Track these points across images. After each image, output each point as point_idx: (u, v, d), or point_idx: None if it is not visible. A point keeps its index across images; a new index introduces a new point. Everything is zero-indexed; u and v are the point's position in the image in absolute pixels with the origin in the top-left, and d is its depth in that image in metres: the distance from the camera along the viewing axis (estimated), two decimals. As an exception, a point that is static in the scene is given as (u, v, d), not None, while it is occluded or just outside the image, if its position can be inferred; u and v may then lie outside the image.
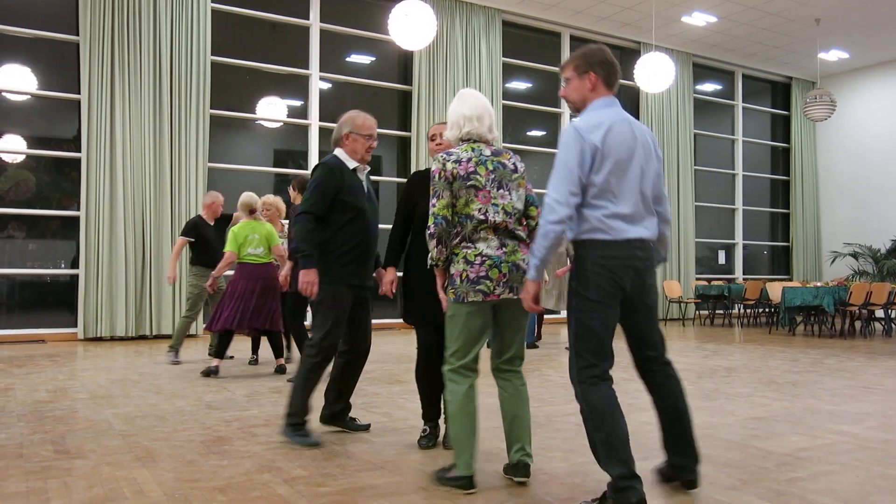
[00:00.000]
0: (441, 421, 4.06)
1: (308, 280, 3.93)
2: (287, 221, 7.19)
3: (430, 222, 3.24)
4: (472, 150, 3.31)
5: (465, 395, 3.24)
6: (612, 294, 2.94)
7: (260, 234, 6.68)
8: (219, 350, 6.63)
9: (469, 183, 3.24)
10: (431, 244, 3.25)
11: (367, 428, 4.37)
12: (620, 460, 2.85)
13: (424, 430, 4.04)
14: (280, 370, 6.75)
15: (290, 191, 6.94)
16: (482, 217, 3.22)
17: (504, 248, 3.23)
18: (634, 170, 3.00)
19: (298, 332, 6.56)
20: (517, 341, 3.39)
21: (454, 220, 3.27)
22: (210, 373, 6.52)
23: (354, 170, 4.15)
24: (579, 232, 2.98)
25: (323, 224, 4.03)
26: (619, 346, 3.04)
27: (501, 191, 3.28)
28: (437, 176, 3.27)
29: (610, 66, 3.12)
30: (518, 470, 3.29)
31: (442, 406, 3.95)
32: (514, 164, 3.38)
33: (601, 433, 2.89)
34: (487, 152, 3.33)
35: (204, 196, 8.07)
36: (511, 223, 3.28)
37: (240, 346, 8.25)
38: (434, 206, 3.25)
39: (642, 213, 3.02)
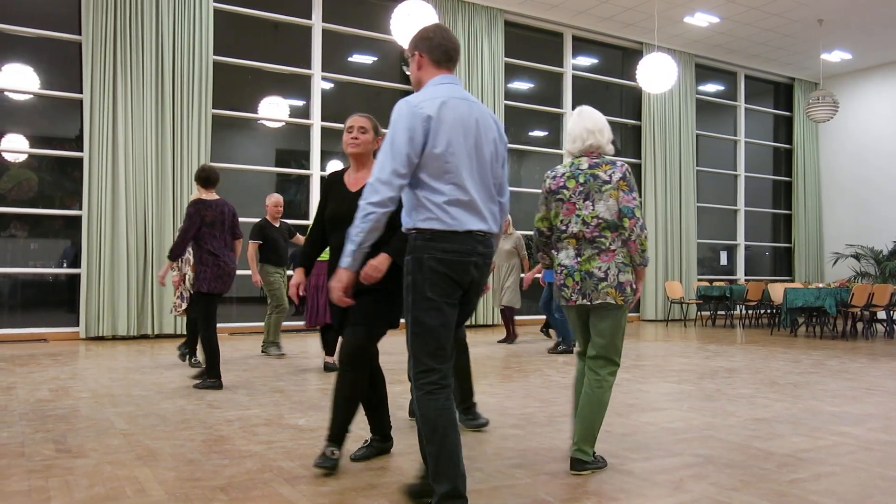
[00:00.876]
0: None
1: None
2: None
3: (535, 232, 3.72)
4: (571, 164, 3.55)
5: (578, 376, 3.66)
6: (451, 292, 2.74)
7: None
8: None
9: (557, 196, 3.53)
10: (537, 251, 3.74)
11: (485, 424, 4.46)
12: (447, 477, 2.66)
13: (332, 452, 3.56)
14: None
15: None
16: (563, 228, 3.51)
17: (579, 258, 3.46)
18: (474, 151, 2.79)
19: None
20: (597, 344, 3.52)
21: (556, 232, 3.59)
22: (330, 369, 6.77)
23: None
24: (416, 220, 2.75)
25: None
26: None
27: (587, 202, 3.44)
28: (542, 191, 3.64)
29: (433, 43, 2.92)
30: (571, 464, 3.48)
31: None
32: (609, 175, 3.45)
33: (432, 447, 2.68)
34: (584, 165, 3.51)
35: (267, 198, 8.16)
36: (589, 232, 3.43)
37: (242, 345, 8.26)
38: (536, 217, 3.67)
39: (486, 203, 2.82)
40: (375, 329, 3.52)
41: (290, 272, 7.97)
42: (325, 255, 6.35)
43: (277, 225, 8.08)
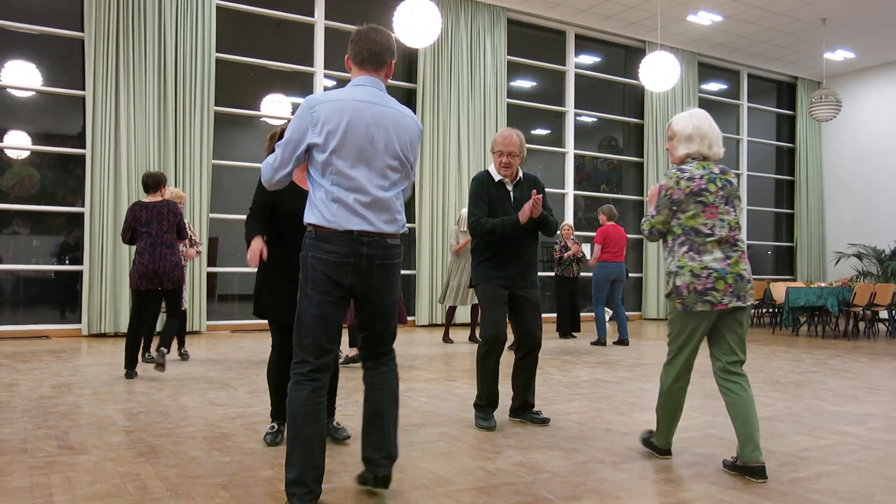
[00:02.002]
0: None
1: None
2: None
3: (646, 228, 3.63)
4: (703, 167, 3.53)
5: (678, 391, 3.70)
6: (331, 290, 2.85)
7: None
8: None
9: (699, 199, 3.47)
10: (646, 237, 3.69)
11: (546, 422, 4.56)
12: (294, 467, 2.79)
13: (272, 427, 4.04)
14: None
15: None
16: (708, 231, 3.46)
17: (728, 260, 3.46)
18: (370, 152, 2.87)
19: None
20: (737, 348, 3.60)
21: (676, 230, 3.53)
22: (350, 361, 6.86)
23: (500, 182, 4.54)
24: (307, 214, 2.89)
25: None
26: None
27: (727, 206, 3.51)
28: (663, 193, 3.53)
29: (356, 46, 3.04)
30: (754, 471, 3.36)
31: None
32: (735, 181, 3.61)
33: (289, 434, 2.83)
34: (716, 170, 3.54)
35: None
36: (734, 236, 3.51)
37: (244, 343, 8.24)
38: (653, 216, 3.59)
39: (376, 205, 2.88)
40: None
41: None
42: None
43: None
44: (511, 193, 4.52)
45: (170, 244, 6.31)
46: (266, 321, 4.00)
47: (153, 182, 6.45)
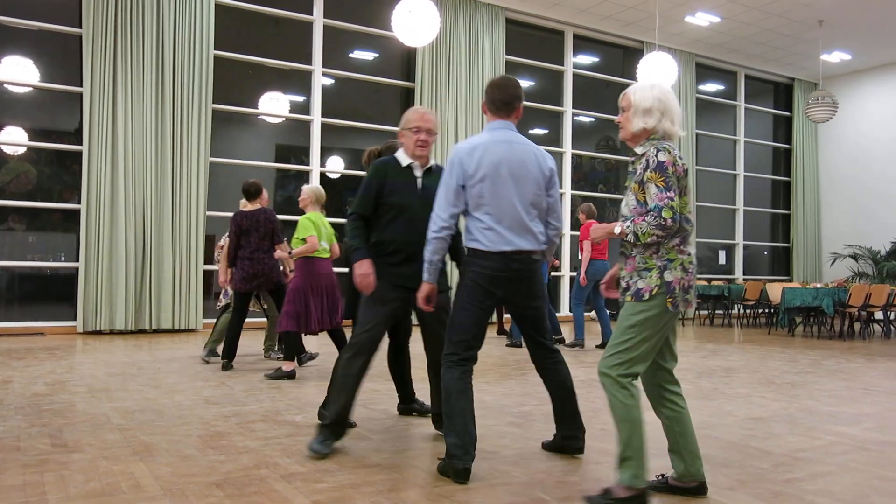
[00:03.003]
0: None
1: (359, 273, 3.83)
2: None
3: (668, 217, 2.90)
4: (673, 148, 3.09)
5: (634, 406, 2.97)
6: (483, 299, 3.46)
7: (328, 229, 6.30)
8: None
9: (683, 183, 3.01)
10: (652, 240, 2.97)
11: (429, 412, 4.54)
12: (454, 433, 3.32)
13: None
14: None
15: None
16: (690, 219, 3.08)
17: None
18: (512, 185, 3.43)
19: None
20: (675, 354, 3.21)
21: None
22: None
23: (408, 167, 3.99)
24: (467, 240, 3.52)
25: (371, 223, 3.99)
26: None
27: (686, 196, 3.08)
28: (669, 168, 2.96)
29: (490, 96, 3.54)
30: (701, 489, 3.13)
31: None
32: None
33: (447, 407, 3.38)
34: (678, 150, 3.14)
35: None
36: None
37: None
38: (672, 199, 2.92)
39: (523, 227, 3.45)
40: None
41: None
42: (322, 253, 6.26)
43: None
44: (419, 181, 3.98)
45: (266, 249, 6.63)
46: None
47: (255, 190, 6.69)
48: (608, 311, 9.12)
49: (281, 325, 6.15)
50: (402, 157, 4.00)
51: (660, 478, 3.21)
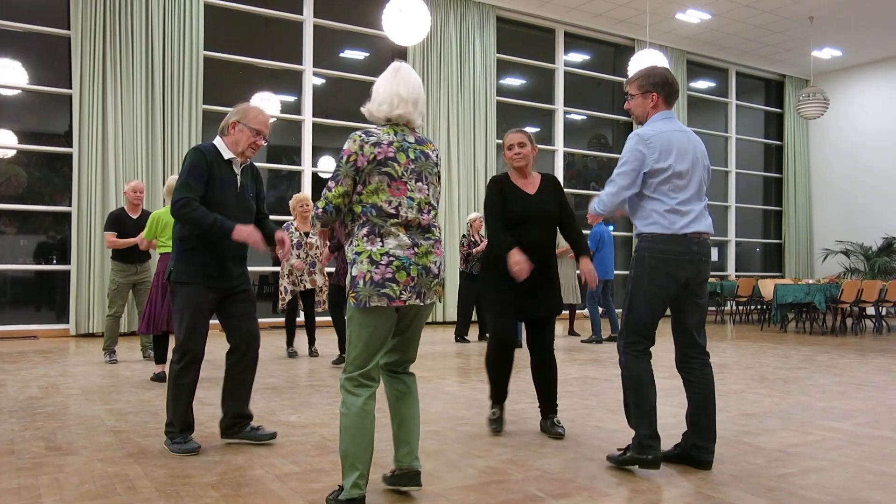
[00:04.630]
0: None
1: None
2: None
3: (321, 206, 2.88)
4: (395, 133, 2.94)
5: (362, 408, 2.83)
6: (667, 284, 3.50)
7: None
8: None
9: (384, 169, 2.86)
10: (317, 227, 2.96)
11: (272, 436, 3.97)
12: (645, 423, 3.41)
13: (494, 413, 4.35)
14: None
15: None
16: (392, 211, 2.86)
17: (415, 249, 2.88)
18: (692, 171, 3.51)
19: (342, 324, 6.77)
20: (414, 348, 3.11)
21: (356, 209, 2.89)
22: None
23: (229, 161, 3.79)
24: (642, 224, 3.53)
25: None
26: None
27: (420, 184, 2.94)
28: (344, 158, 2.87)
29: (671, 88, 3.61)
30: (409, 478, 3.02)
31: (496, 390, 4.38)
32: (436, 156, 3.08)
33: (633, 396, 3.49)
34: (411, 139, 2.97)
35: (126, 183, 7.63)
36: (425, 220, 2.94)
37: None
38: (330, 189, 2.87)
39: (701, 210, 3.53)
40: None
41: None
42: (163, 248, 6.00)
43: (136, 215, 7.20)
44: (238, 178, 3.83)
45: None
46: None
47: None
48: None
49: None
50: (225, 150, 3.79)
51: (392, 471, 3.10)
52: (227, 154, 3.77)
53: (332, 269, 7.15)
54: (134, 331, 9.85)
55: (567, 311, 10.44)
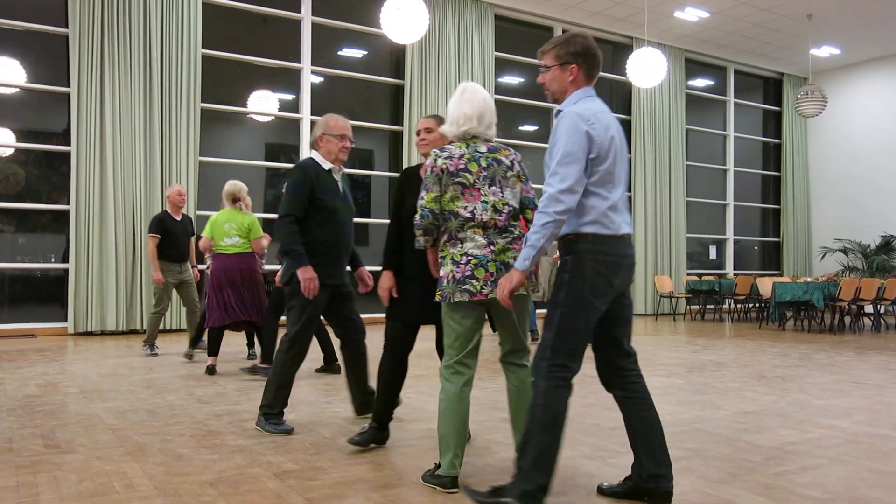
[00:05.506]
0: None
1: (307, 277, 4.02)
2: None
3: (417, 215, 3.22)
4: (467, 146, 3.25)
5: (458, 393, 3.18)
6: (605, 293, 2.88)
7: (237, 224, 6.47)
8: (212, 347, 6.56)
9: (457, 179, 3.17)
10: (418, 233, 3.26)
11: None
12: (546, 472, 2.75)
13: (364, 428, 3.89)
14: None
15: None
16: (468, 215, 3.15)
17: (492, 247, 3.15)
18: (621, 159, 2.96)
19: (272, 329, 6.35)
20: (516, 336, 3.33)
21: (441, 215, 3.22)
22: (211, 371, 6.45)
23: (329, 171, 4.24)
24: (580, 224, 2.87)
25: (301, 224, 4.12)
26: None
27: (493, 188, 3.21)
28: (428, 170, 3.23)
29: (595, 60, 3.05)
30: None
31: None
32: (511, 161, 3.30)
33: (546, 437, 2.76)
34: (483, 149, 3.26)
35: (169, 188, 7.98)
36: (502, 220, 3.19)
37: (231, 340, 8.24)
38: (422, 198, 3.20)
39: (625, 205, 2.99)
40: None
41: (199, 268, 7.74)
42: (237, 248, 6.37)
43: (179, 217, 7.60)
44: (339, 184, 4.28)
45: None
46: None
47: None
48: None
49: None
50: (323, 162, 4.25)
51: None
52: (326, 165, 4.23)
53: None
54: (137, 329, 9.88)
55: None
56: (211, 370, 6.40)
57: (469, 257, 3.13)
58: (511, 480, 2.77)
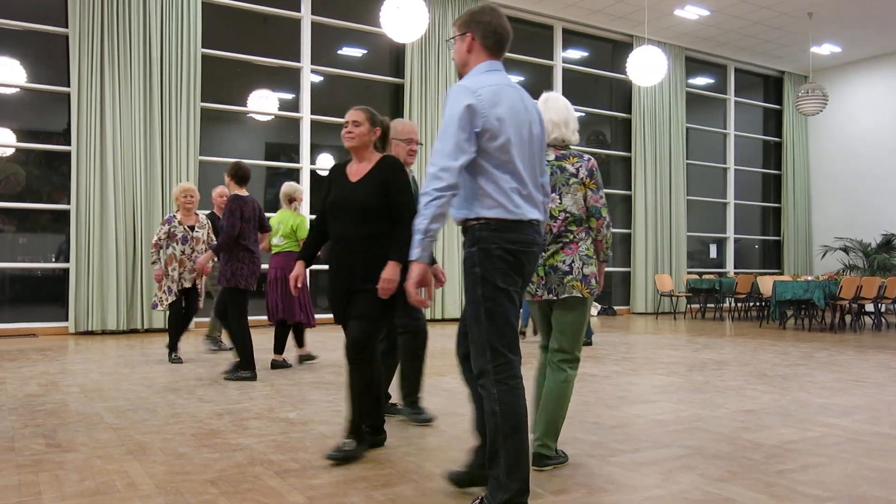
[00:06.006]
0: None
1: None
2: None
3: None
4: None
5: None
6: (517, 281, 2.77)
7: (286, 223, 6.72)
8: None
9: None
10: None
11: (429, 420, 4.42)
12: (520, 475, 2.66)
13: (345, 444, 3.60)
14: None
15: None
16: None
17: (543, 253, 3.29)
18: (527, 141, 2.80)
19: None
20: (560, 338, 3.44)
21: None
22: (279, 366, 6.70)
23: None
24: (479, 209, 2.73)
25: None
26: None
27: (553, 195, 3.35)
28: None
29: (489, 27, 2.88)
30: (533, 459, 3.30)
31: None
32: (576, 168, 3.43)
33: (512, 443, 2.63)
34: (551, 157, 3.40)
35: (213, 190, 8.12)
36: (556, 226, 3.36)
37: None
38: None
39: (537, 192, 2.84)
40: (377, 323, 3.66)
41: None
42: (281, 247, 6.58)
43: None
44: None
45: (255, 241, 6.23)
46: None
47: (248, 174, 6.21)
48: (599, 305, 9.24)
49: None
50: None
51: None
52: None
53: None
54: (149, 328, 9.89)
55: None
56: (275, 364, 6.67)
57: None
58: (487, 491, 2.70)
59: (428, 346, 4.57)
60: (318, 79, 12.00)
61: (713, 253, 16.96)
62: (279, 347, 6.74)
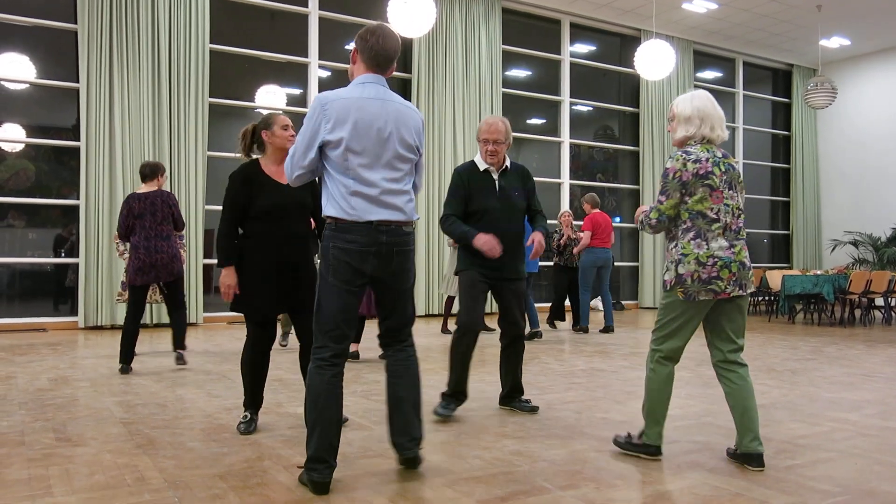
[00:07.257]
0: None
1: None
2: None
3: (654, 217, 3.43)
4: (707, 150, 3.42)
5: (668, 375, 3.48)
6: (351, 279, 3.06)
7: None
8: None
9: (706, 182, 3.36)
10: (648, 232, 3.53)
11: (535, 410, 4.59)
12: (315, 445, 2.99)
13: (245, 417, 4.10)
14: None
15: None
16: (714, 216, 3.37)
17: (732, 249, 3.38)
18: (383, 147, 3.08)
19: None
20: (731, 335, 3.51)
21: (683, 216, 3.39)
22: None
23: (486, 171, 4.50)
24: (326, 209, 3.09)
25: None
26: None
27: (731, 192, 3.45)
28: (670, 175, 3.38)
29: (367, 45, 3.15)
30: (753, 459, 3.35)
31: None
32: (737, 168, 3.54)
33: (312, 414, 3.02)
34: (719, 154, 3.47)
35: None
36: (738, 223, 3.46)
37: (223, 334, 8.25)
38: (661, 202, 3.40)
39: (394, 195, 3.09)
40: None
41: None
42: None
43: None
44: (497, 182, 4.49)
45: (165, 236, 6.17)
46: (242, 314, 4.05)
47: (150, 171, 6.34)
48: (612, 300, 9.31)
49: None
50: (480, 163, 4.52)
51: (733, 448, 3.51)
52: (482, 166, 4.50)
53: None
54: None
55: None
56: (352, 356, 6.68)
57: (715, 259, 3.34)
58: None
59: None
60: (325, 74, 12.00)
61: (722, 247, 16.88)
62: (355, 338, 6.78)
